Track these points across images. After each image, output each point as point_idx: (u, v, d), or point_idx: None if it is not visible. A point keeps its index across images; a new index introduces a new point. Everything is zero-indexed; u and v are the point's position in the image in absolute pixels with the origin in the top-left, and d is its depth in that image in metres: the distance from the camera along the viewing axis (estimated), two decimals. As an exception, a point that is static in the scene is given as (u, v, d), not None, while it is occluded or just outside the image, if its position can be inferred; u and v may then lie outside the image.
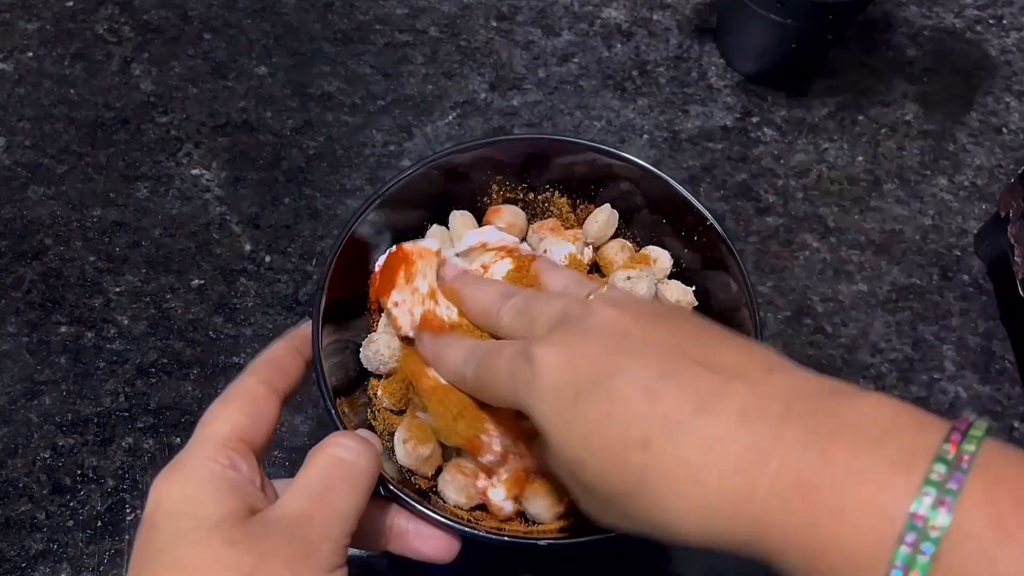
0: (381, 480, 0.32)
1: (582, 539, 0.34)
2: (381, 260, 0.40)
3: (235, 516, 0.28)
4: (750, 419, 0.25)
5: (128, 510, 0.43)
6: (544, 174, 0.44)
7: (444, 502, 0.37)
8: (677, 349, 0.27)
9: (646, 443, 0.26)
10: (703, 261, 0.41)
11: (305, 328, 0.37)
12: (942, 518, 0.20)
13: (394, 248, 0.39)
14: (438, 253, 0.39)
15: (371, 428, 0.38)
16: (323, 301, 0.37)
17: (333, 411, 0.35)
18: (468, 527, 0.34)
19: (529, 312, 0.32)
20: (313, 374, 0.36)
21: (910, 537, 0.20)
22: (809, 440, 0.24)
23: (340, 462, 0.30)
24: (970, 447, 0.21)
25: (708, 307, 0.41)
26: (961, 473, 0.20)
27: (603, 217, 0.42)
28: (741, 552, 0.25)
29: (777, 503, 0.23)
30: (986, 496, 0.20)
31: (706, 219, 0.40)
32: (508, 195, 0.44)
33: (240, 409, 0.31)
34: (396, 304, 0.38)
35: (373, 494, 0.31)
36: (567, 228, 0.44)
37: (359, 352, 0.39)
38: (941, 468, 0.21)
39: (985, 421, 0.22)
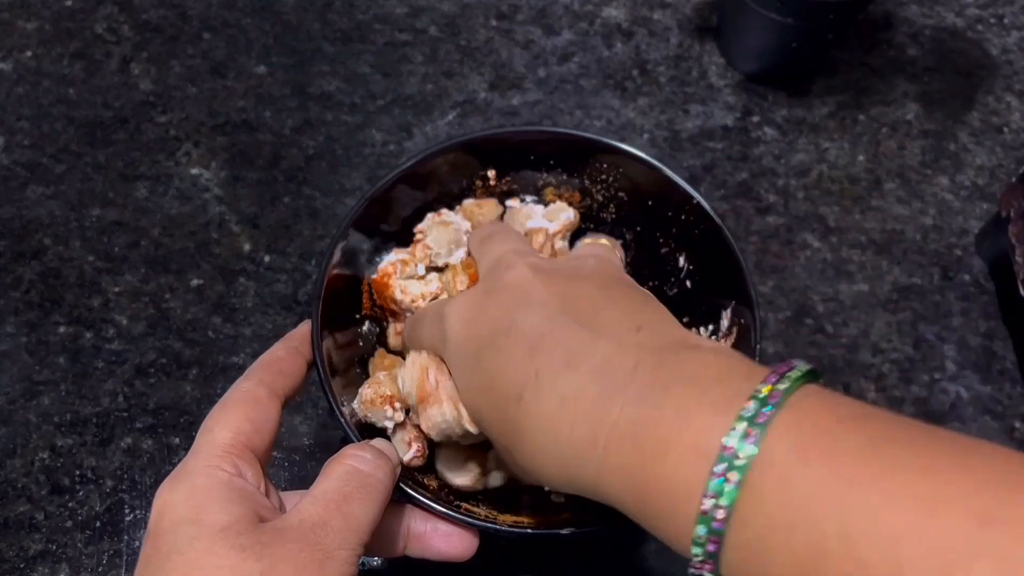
0: (397, 484, 0.32)
1: (601, 528, 0.34)
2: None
3: (243, 523, 0.27)
4: (604, 374, 0.26)
5: (127, 511, 0.43)
6: (529, 169, 0.44)
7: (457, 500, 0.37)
8: (567, 309, 0.29)
9: (519, 398, 0.28)
10: (703, 260, 0.41)
11: (304, 328, 0.36)
12: (748, 448, 0.22)
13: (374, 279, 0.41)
14: (403, 263, 0.41)
15: (385, 436, 0.38)
16: (320, 307, 0.37)
17: (343, 419, 0.35)
18: (490, 523, 0.34)
19: (480, 251, 0.36)
20: (318, 378, 0.36)
21: (720, 467, 0.22)
22: (647, 391, 0.25)
23: (357, 472, 0.30)
24: (782, 386, 0.23)
25: (708, 306, 0.41)
26: (770, 409, 0.22)
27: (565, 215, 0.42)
28: (594, 496, 0.27)
29: (615, 448, 0.25)
30: (789, 428, 0.22)
31: (709, 217, 0.40)
32: (493, 191, 0.44)
33: (242, 414, 0.31)
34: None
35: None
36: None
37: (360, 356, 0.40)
38: (753, 405, 0.22)
39: (806, 365, 0.24)
